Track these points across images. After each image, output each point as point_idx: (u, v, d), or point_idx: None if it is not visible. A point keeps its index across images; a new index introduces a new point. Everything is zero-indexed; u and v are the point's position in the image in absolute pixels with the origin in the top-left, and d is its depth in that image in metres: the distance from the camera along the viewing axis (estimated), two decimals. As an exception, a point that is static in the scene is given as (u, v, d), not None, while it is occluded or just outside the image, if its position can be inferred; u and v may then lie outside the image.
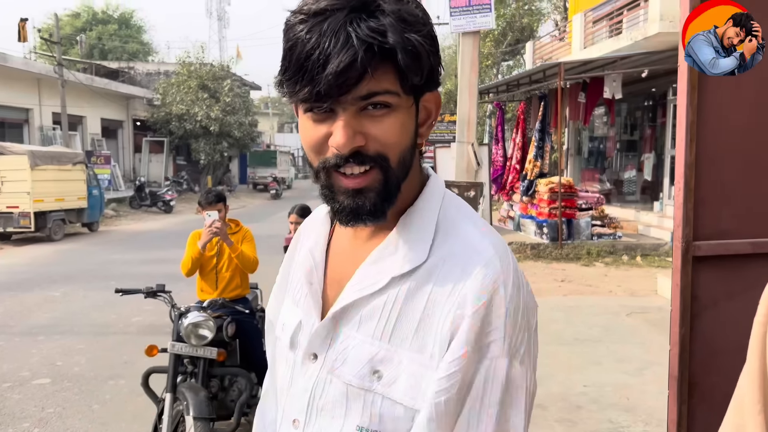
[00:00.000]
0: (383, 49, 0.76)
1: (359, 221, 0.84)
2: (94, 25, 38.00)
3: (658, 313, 6.75)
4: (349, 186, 0.82)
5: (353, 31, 0.75)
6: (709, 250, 1.34)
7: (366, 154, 0.81)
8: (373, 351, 0.85)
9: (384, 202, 0.84)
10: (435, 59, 0.84)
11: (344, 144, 0.79)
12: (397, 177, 0.84)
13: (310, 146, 0.84)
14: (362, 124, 0.80)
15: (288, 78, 0.80)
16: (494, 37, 26.27)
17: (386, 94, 0.79)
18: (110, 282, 9.11)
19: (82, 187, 15.17)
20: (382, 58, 0.77)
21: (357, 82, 0.77)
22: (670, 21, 10.41)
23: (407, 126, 0.84)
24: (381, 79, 0.78)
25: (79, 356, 5.71)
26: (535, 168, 12.06)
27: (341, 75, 0.75)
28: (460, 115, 8.02)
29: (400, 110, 0.82)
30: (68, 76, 20.93)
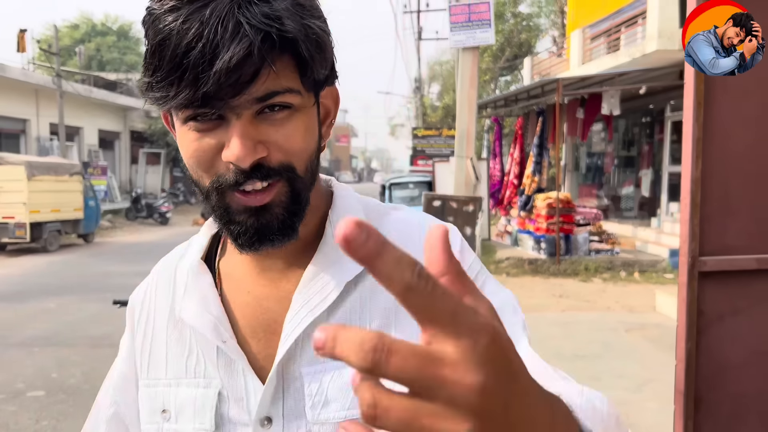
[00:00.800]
0: (282, 38, 0.64)
1: (266, 243, 0.71)
2: (93, 37, 38.16)
3: (657, 329, 6.74)
4: (251, 204, 0.69)
5: (243, 17, 0.62)
6: (715, 266, 1.35)
7: (269, 167, 0.68)
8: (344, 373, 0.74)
9: (293, 216, 0.72)
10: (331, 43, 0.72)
11: (244, 156, 0.65)
12: (306, 187, 0.73)
13: (197, 163, 0.69)
14: (261, 130, 0.67)
15: (160, 80, 0.65)
16: (492, 52, 26.47)
17: (287, 93, 0.67)
18: (106, 294, 9.05)
19: (78, 198, 15.14)
20: (280, 50, 0.64)
21: (252, 80, 0.64)
22: (668, 38, 10.49)
23: (312, 129, 0.72)
24: (281, 75, 0.66)
25: (74, 368, 5.66)
26: (533, 183, 12.09)
27: (234, 71, 0.62)
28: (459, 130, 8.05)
29: (303, 111, 0.70)
30: (66, 87, 20.97)
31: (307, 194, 0.74)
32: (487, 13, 7.61)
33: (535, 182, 12.12)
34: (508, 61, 28.07)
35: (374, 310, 0.76)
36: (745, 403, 1.41)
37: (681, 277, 1.35)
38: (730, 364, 1.39)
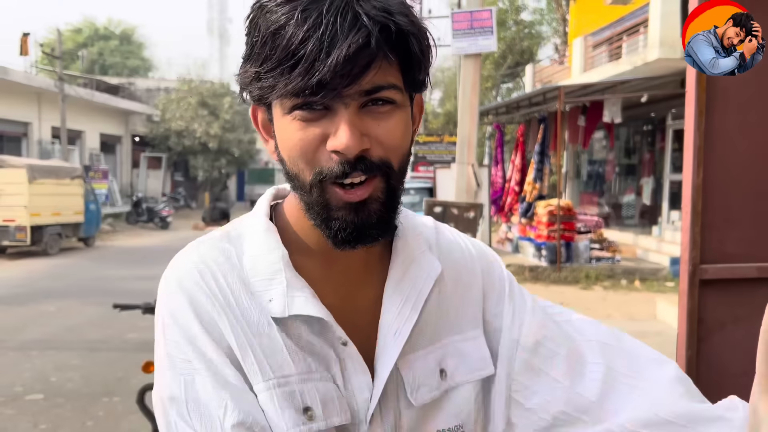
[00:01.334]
0: (397, 32, 0.66)
1: (366, 239, 0.72)
2: (96, 41, 38.30)
3: (658, 337, 6.72)
4: (351, 199, 0.70)
5: (361, 9, 0.64)
6: (716, 274, 1.34)
7: (371, 161, 0.69)
8: (436, 356, 0.81)
9: (390, 212, 0.73)
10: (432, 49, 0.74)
11: (352, 145, 0.66)
12: (399, 186, 0.74)
13: (300, 153, 0.70)
14: (365, 123, 0.69)
15: (271, 68, 0.66)
16: (494, 59, 26.52)
17: (392, 89, 0.69)
18: (106, 297, 9.04)
19: (79, 201, 15.16)
20: (393, 45, 0.66)
21: (363, 72, 0.65)
22: (670, 46, 10.51)
23: (409, 127, 0.74)
24: (387, 71, 0.68)
25: (73, 372, 5.66)
26: (534, 190, 12.09)
27: (350, 61, 0.63)
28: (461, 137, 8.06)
29: (402, 109, 0.72)
30: (69, 91, 21.03)
31: (400, 192, 0.75)
32: (490, 20, 7.63)
33: (536, 189, 12.13)
34: (509, 69, 28.13)
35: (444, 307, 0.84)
36: (746, 412, 1.40)
37: (682, 284, 1.35)
38: (730, 373, 1.39)
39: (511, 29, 27.19)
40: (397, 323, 0.78)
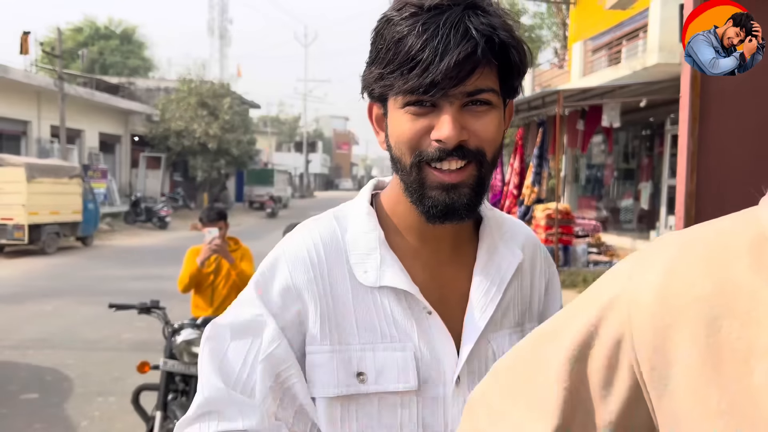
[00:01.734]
0: (500, 44, 0.79)
1: (455, 216, 0.85)
2: (96, 40, 38.27)
3: (653, 342, 6.72)
4: (446, 180, 0.83)
5: (471, 24, 0.77)
6: (710, 280, 1.34)
7: (467, 149, 0.82)
8: (518, 337, 0.92)
9: (477, 196, 0.86)
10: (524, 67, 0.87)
11: (453, 136, 0.80)
12: (489, 175, 0.87)
13: (408, 140, 0.84)
14: (465, 118, 0.82)
15: (392, 70, 0.80)
16: (493, 63, 26.52)
17: (490, 92, 0.82)
18: (103, 297, 9.01)
19: (77, 200, 15.13)
20: (495, 55, 0.80)
21: (468, 76, 0.78)
22: (669, 51, 10.53)
23: (501, 126, 0.86)
24: (487, 76, 0.81)
25: (68, 371, 5.65)
26: (533, 194, 12.09)
27: (459, 65, 0.76)
28: (459, 139, 8.08)
29: (497, 109, 0.85)
30: (68, 90, 21.01)
31: (488, 182, 0.88)
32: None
33: (534, 193, 12.13)
34: (509, 72, 28.15)
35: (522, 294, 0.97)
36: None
37: (675, 290, 1.35)
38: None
39: (511, 33, 27.20)
40: (484, 301, 0.90)
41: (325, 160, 64.72)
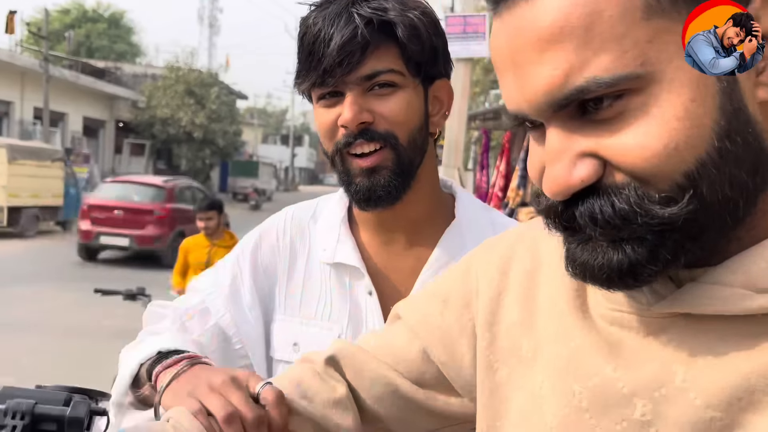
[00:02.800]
0: (384, 24, 0.80)
1: (376, 200, 0.86)
2: (84, 23, 37.77)
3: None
4: (363, 165, 0.85)
5: (355, 10, 0.80)
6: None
7: (375, 131, 0.83)
8: None
9: (398, 179, 0.85)
10: (437, 40, 0.86)
11: (351, 119, 0.82)
12: (410, 157, 0.86)
13: (323, 132, 0.87)
14: (369, 102, 0.83)
15: (299, 67, 0.84)
16: (484, 64, 26.59)
17: (390, 73, 0.82)
18: (83, 283, 8.92)
19: (59, 184, 14.94)
20: (382, 35, 0.81)
21: (360, 60, 0.80)
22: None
23: (414, 106, 0.86)
24: (384, 57, 0.81)
25: (46, 356, 5.58)
26: (518, 197, 12.15)
27: (343, 49, 0.78)
28: (448, 140, 8.09)
29: (405, 90, 0.84)
30: (53, 72, 20.72)
31: (411, 163, 0.87)
32: (483, 25, 7.65)
33: (519, 196, 12.18)
34: (498, 75, 28.24)
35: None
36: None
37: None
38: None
39: (501, 36, 27.31)
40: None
41: (311, 154, 64.48)
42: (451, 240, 0.93)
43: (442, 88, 0.91)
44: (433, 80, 0.89)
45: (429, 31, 0.84)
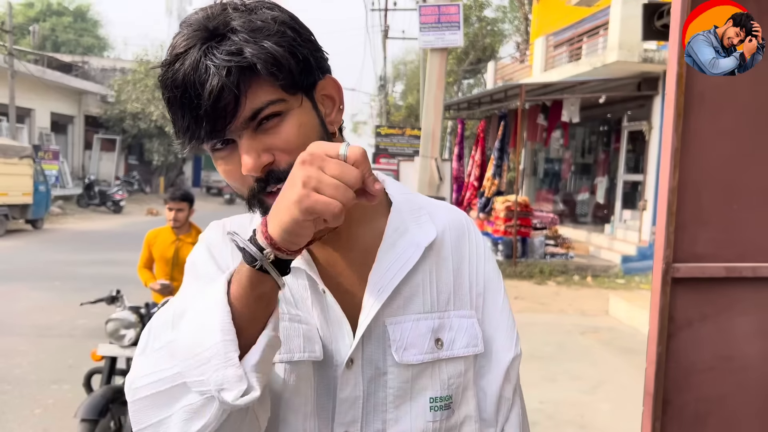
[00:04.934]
0: (241, 68, 0.76)
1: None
2: (48, 16, 36.91)
3: (610, 333, 6.91)
4: None
5: (210, 61, 0.75)
6: (687, 273, 1.39)
7: (279, 170, 0.80)
8: (430, 324, 0.90)
9: None
10: (304, 48, 0.81)
11: (253, 166, 0.78)
12: None
13: (233, 181, 0.84)
14: (262, 141, 0.79)
15: (178, 129, 0.80)
16: (457, 55, 26.67)
17: (270, 105, 0.78)
18: (54, 282, 8.78)
19: (28, 182, 14.63)
20: (249, 74, 0.76)
21: (236, 108, 0.76)
22: (628, 50, 10.76)
23: (306, 124, 0.82)
24: (258, 93, 0.77)
25: (20, 358, 5.47)
26: (493, 186, 12.25)
27: (216, 106, 0.75)
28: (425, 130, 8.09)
29: (292, 113, 0.81)
30: (18, 67, 20.23)
31: None
32: (457, 15, 7.66)
33: (495, 185, 12.28)
34: (471, 65, 28.35)
35: (440, 279, 0.93)
36: (707, 407, 1.46)
37: (654, 282, 1.39)
38: (696, 369, 1.44)
39: (474, 25, 27.38)
40: (381, 283, 0.88)
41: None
42: (394, 222, 0.93)
43: (327, 85, 0.87)
44: (316, 83, 0.85)
45: (292, 46, 0.79)
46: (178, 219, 3.91)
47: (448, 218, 0.98)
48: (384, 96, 31.13)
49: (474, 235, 1.00)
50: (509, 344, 0.97)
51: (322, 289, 0.89)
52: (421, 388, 0.89)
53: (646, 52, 10.84)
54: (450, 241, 0.96)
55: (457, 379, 0.91)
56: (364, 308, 0.88)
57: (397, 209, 0.94)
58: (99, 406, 3.07)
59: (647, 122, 11.83)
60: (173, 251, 3.98)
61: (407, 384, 0.88)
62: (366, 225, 0.93)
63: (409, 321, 0.89)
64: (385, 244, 0.91)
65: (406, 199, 0.97)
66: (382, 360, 0.88)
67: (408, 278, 0.90)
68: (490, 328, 0.96)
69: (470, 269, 0.96)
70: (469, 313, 0.94)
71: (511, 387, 0.96)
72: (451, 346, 0.91)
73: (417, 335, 0.89)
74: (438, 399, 0.89)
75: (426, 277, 0.92)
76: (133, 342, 3.31)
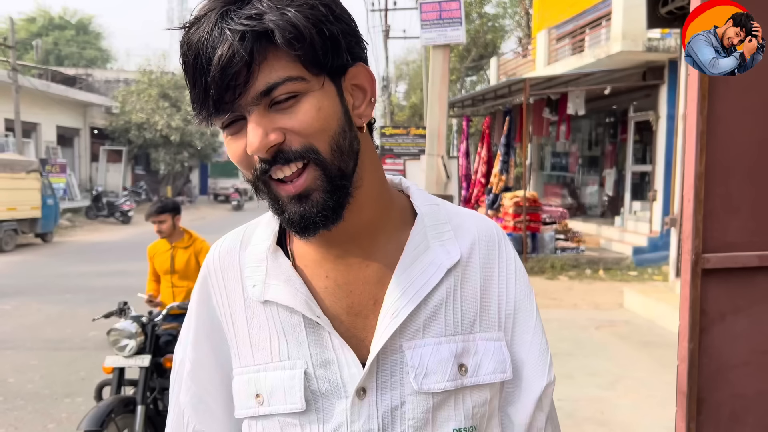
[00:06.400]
0: (262, 33, 0.70)
1: (313, 227, 0.76)
2: (51, 30, 37.10)
3: (626, 326, 6.82)
4: (291, 192, 0.75)
5: (226, 24, 0.70)
6: (718, 263, 1.31)
7: (289, 150, 0.73)
8: (452, 348, 0.82)
9: (333, 197, 0.76)
10: (335, 26, 0.74)
11: (258, 145, 0.72)
12: (339, 168, 0.76)
13: (238, 163, 0.78)
14: (274, 120, 0.73)
15: (191, 99, 0.75)
16: (459, 52, 26.58)
17: (288, 82, 0.72)
18: (65, 295, 8.77)
19: (36, 196, 14.67)
20: (267, 44, 0.70)
21: (248, 78, 0.70)
22: (632, 40, 10.65)
23: (327, 109, 0.75)
24: (275, 66, 0.71)
25: (32, 373, 5.44)
26: (501, 182, 12.16)
27: (225, 73, 0.69)
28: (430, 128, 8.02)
29: (312, 94, 0.74)
30: (23, 82, 20.30)
31: (343, 174, 0.77)
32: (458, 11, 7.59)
33: (502, 181, 12.20)
34: (474, 61, 28.25)
35: (464, 298, 0.84)
36: (745, 404, 1.38)
37: (684, 274, 1.31)
38: (731, 364, 1.36)
39: (475, 22, 27.29)
40: (398, 305, 0.80)
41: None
42: (416, 237, 0.85)
43: (359, 74, 0.79)
44: (345, 69, 0.77)
45: (320, 21, 0.72)
46: (162, 231, 4.01)
47: (477, 231, 0.89)
48: (387, 96, 31.09)
49: (505, 250, 0.90)
50: (542, 370, 0.87)
51: (317, 322, 0.81)
52: (444, 419, 0.81)
53: (650, 41, 10.73)
54: (478, 256, 0.87)
55: (482, 407, 0.83)
56: (376, 332, 0.80)
57: (420, 223, 0.86)
58: (101, 418, 3.04)
59: (654, 112, 11.71)
60: (169, 259, 4.02)
61: (428, 414, 0.80)
62: (389, 236, 0.85)
63: (430, 345, 0.81)
64: (402, 263, 0.82)
65: (431, 211, 0.88)
66: (399, 389, 0.80)
67: (428, 299, 0.82)
68: (521, 352, 0.87)
69: (499, 288, 0.87)
70: (497, 335, 0.86)
71: (543, 416, 0.88)
72: (477, 372, 0.82)
73: (438, 360, 0.81)
74: (462, 430, 0.82)
75: (449, 297, 0.83)
76: (135, 351, 3.30)
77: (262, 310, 0.84)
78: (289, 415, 0.81)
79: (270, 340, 0.83)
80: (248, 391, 0.84)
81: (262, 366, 0.83)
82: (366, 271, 0.84)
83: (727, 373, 1.36)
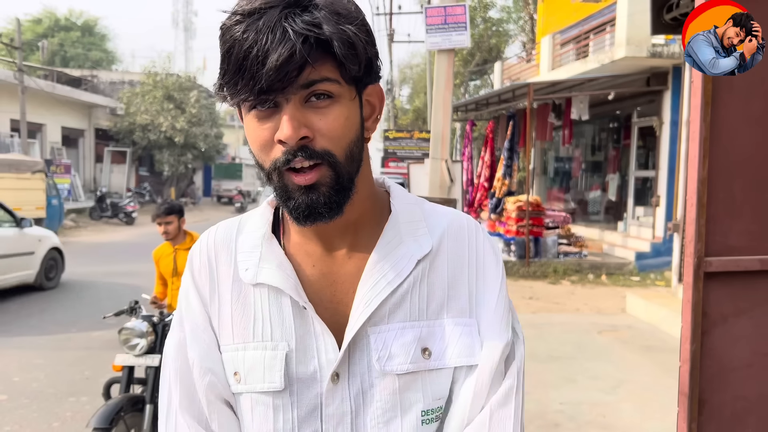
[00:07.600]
0: (319, 40, 0.77)
1: (316, 216, 0.83)
2: (57, 32, 37.22)
3: (628, 331, 6.83)
4: (302, 183, 0.82)
5: (289, 25, 0.76)
6: (720, 267, 1.34)
7: (313, 149, 0.80)
8: (416, 332, 0.87)
9: (338, 194, 0.83)
10: (371, 50, 0.84)
11: (291, 135, 0.78)
12: (348, 171, 0.84)
13: (259, 146, 0.83)
14: (307, 116, 0.80)
15: (228, 80, 0.80)
16: (463, 56, 26.62)
17: (326, 82, 0.79)
18: (69, 294, 8.81)
19: (41, 196, 14.72)
20: (319, 50, 0.78)
21: (297, 76, 0.77)
22: (636, 45, 10.67)
23: (352, 119, 0.84)
24: (320, 69, 0.79)
25: (37, 372, 5.47)
26: (504, 186, 12.17)
27: (281, 69, 0.76)
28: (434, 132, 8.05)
29: (343, 101, 0.82)
30: (28, 83, 20.38)
31: (350, 178, 0.85)
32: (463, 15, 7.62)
33: (505, 185, 12.21)
34: (477, 66, 28.28)
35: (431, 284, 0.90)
36: (746, 406, 1.40)
37: (686, 277, 1.34)
38: (733, 366, 1.39)
39: (479, 27, 27.33)
40: (370, 295, 0.86)
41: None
42: (389, 233, 0.91)
43: (374, 93, 0.89)
44: (366, 86, 0.87)
45: (364, 42, 0.81)
46: (168, 232, 4.03)
47: (447, 224, 0.94)
48: (391, 100, 31.13)
49: (477, 242, 0.94)
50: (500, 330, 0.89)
51: (303, 306, 0.87)
52: (411, 401, 0.87)
53: (654, 47, 10.75)
54: (447, 248, 0.92)
55: (449, 390, 0.88)
56: (350, 320, 0.87)
57: (393, 220, 0.92)
58: (110, 415, 3.07)
59: (657, 117, 11.72)
60: (172, 262, 4.06)
61: (395, 396, 0.86)
62: (369, 232, 0.92)
63: (394, 330, 0.87)
64: (373, 258, 0.89)
65: (406, 209, 0.94)
66: (368, 372, 0.87)
67: (397, 288, 0.88)
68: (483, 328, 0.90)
69: (469, 277, 0.92)
70: (467, 321, 0.89)
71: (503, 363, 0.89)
72: (442, 356, 0.87)
73: (401, 344, 0.86)
74: (430, 412, 0.87)
75: (415, 285, 0.89)
76: (145, 351, 3.33)
77: (251, 292, 0.90)
78: (264, 394, 0.87)
79: (254, 321, 0.89)
80: (229, 367, 0.90)
81: (241, 345, 0.89)
82: (348, 263, 0.91)
83: (728, 375, 1.38)
